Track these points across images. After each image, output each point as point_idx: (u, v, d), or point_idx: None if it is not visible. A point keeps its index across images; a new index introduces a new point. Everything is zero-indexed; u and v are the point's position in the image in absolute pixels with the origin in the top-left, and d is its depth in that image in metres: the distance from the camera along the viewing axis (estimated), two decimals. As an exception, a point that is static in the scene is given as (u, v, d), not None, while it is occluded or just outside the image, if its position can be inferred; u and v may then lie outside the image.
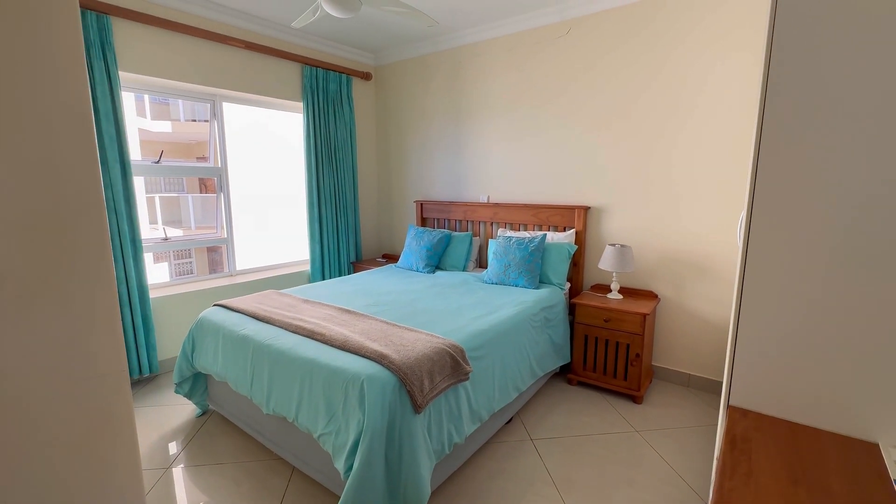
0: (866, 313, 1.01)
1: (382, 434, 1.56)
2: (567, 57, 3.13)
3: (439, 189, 4.05)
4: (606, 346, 2.75)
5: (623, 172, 2.99)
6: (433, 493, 1.88)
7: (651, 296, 2.90)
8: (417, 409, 1.63)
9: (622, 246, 2.77)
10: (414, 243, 3.64)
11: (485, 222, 3.71)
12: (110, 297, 0.64)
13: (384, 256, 4.43)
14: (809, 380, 1.10)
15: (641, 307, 2.66)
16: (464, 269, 3.55)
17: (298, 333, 2.06)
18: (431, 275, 3.42)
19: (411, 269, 3.58)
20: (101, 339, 0.66)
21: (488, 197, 3.71)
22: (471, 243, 3.60)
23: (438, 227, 3.99)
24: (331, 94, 3.86)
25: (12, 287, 0.58)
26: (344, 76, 3.95)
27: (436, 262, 3.57)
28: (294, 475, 2.02)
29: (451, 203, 3.86)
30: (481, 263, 3.74)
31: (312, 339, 1.99)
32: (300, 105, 3.75)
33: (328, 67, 3.80)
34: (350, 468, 1.55)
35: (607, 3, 2.89)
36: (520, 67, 3.36)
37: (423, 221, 4.11)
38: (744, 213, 1.15)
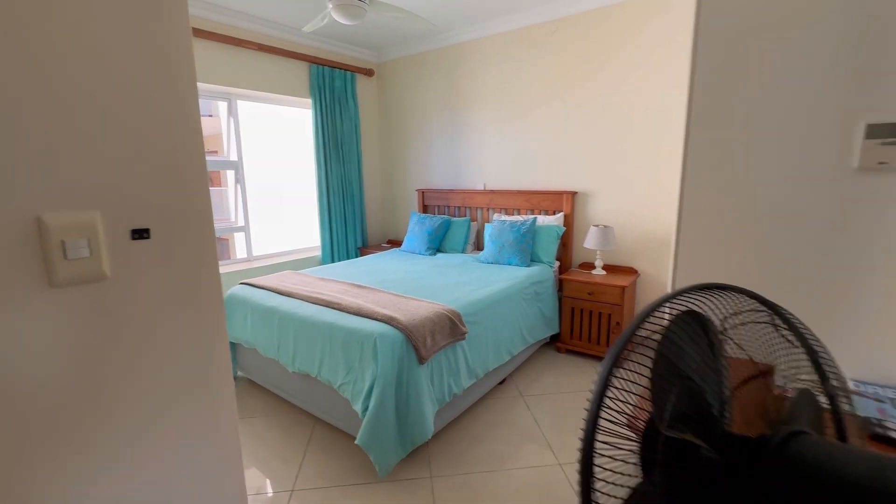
0: (779, 272, 1.31)
1: (392, 381, 1.88)
2: (553, 53, 3.39)
3: (439, 178, 4.34)
4: (591, 317, 3.06)
5: (606, 160, 3.27)
6: (436, 435, 2.20)
7: (631, 271, 3.20)
8: (421, 360, 1.95)
9: (605, 227, 3.07)
10: (416, 229, 3.94)
11: (482, 208, 4.00)
12: (213, 255, 0.94)
13: (388, 242, 4.74)
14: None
15: (621, 281, 2.96)
16: (463, 252, 3.85)
17: (318, 304, 2.37)
18: (433, 257, 3.73)
19: (414, 253, 3.89)
20: (206, 282, 0.95)
21: (485, 184, 4.00)
22: (469, 228, 3.90)
23: (439, 214, 4.28)
24: (337, 91, 4.13)
25: (159, 237, 0.88)
26: (348, 73, 4.22)
27: (437, 245, 3.87)
28: (316, 424, 2.35)
29: (451, 191, 4.15)
30: (479, 246, 4.04)
31: (330, 307, 2.31)
32: (309, 101, 4.03)
33: (334, 66, 4.07)
34: (366, 409, 1.87)
35: (592, 4, 3.14)
36: (511, 63, 3.63)
37: (425, 208, 4.40)
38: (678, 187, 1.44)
